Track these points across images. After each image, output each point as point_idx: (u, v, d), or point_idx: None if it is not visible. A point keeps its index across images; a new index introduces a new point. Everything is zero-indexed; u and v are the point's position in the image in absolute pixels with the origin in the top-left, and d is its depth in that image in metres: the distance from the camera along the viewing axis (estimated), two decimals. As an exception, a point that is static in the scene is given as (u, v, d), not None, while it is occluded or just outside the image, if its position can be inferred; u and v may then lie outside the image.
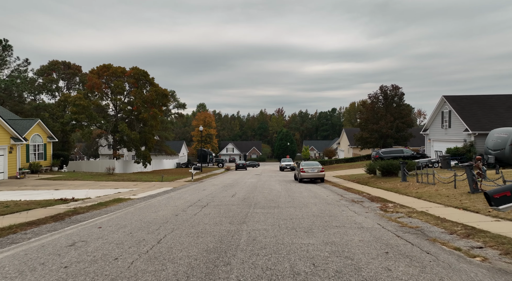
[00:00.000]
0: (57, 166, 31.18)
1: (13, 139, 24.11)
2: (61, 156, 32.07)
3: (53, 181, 23.33)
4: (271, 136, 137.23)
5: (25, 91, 38.07)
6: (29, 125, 28.49)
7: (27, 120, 29.60)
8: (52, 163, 30.98)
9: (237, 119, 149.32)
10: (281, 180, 26.45)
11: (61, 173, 29.81)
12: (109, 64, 39.34)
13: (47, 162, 30.82)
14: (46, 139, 30.91)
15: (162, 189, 18.60)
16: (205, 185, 21.25)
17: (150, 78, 41.76)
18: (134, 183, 22.56)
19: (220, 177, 31.42)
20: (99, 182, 23.31)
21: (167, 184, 22.36)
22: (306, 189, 17.91)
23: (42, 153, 30.37)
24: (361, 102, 57.31)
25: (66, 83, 45.77)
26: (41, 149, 30.31)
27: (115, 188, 19.09)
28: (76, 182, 22.60)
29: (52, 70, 42.61)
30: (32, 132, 28.80)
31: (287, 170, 45.71)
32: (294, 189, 18.24)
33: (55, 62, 43.28)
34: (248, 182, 24.22)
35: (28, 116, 41.04)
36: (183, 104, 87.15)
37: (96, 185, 21.22)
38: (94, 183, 22.19)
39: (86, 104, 35.72)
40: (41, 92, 40.98)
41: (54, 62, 43.36)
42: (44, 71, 42.35)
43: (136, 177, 28.16)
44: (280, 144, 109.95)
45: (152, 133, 42.62)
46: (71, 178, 25.47)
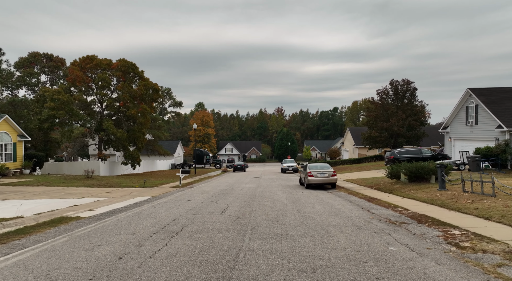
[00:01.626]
0: (29, 168, 27.44)
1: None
2: (34, 157, 28.33)
3: (13, 186, 19.61)
4: (271, 136, 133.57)
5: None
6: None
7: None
8: (23, 165, 27.26)
9: (236, 119, 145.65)
10: (284, 185, 22.74)
11: (32, 176, 26.08)
12: (93, 56, 35.61)
13: (17, 164, 27.10)
14: (16, 138, 27.18)
15: (137, 198, 14.86)
16: (193, 193, 17.52)
17: (139, 71, 38.03)
18: (109, 190, 18.84)
19: (215, 181, 27.70)
20: (68, 188, 19.60)
21: (148, 190, 18.62)
22: (318, 199, 14.19)
23: (10, 153, 26.64)
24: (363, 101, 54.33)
25: (49, 77, 42.05)
26: (10, 148, 26.58)
27: (79, 197, 15.37)
28: (39, 189, 18.88)
29: (32, 63, 38.87)
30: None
31: (289, 172, 42.00)
32: (302, 198, 14.52)
33: (35, 54, 39.55)
34: (246, 187, 20.49)
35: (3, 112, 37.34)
36: (179, 102, 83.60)
37: (62, 192, 17.50)
38: (60, 190, 18.47)
39: (66, 99, 31.96)
40: (20, 87, 37.24)
41: (35, 53, 39.63)
42: (23, 63, 38.61)
43: (117, 181, 24.43)
44: (280, 144, 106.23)
45: (142, 132, 38.87)
46: (38, 183, 21.75)
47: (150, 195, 16.43)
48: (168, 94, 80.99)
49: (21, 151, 27.69)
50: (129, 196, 15.80)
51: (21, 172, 26.93)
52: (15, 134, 27.05)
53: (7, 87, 36.76)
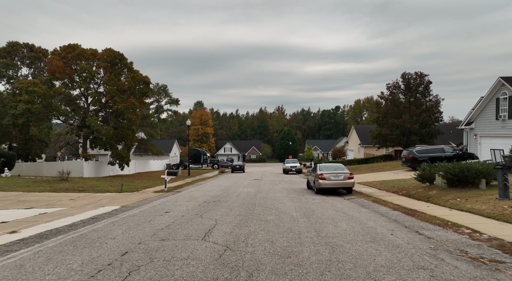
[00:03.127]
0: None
1: None
2: (3, 156, 24.87)
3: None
4: (272, 136, 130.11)
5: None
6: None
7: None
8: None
9: (236, 118, 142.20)
10: (289, 188, 19.28)
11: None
12: (75, 44, 32.15)
13: (-18, 164, 23.66)
14: (-18, 135, 23.72)
15: (101, 209, 11.41)
16: (177, 200, 14.07)
17: (128, 62, 34.59)
18: (76, 196, 15.40)
19: (209, 184, 24.25)
20: (27, 193, 16.18)
21: (123, 197, 15.16)
22: (337, 210, 10.74)
23: (-26, 152, 23.20)
24: (366, 100, 50.83)
25: (30, 70, 38.57)
26: (-27, 146, 23.12)
27: (27, 207, 11.95)
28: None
29: (10, 53, 35.42)
30: (-44, 124, 21.60)
31: (292, 173, 38.55)
32: (316, 209, 11.07)
33: (14, 44, 36.09)
34: (244, 192, 17.03)
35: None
36: (176, 100, 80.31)
37: (14, 199, 14.09)
38: (15, 196, 15.04)
39: (43, 92, 28.51)
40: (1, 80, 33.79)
41: (14, 43, 36.16)
42: (2, 54, 35.15)
43: (94, 184, 20.98)
44: (281, 144, 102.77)
45: (132, 129, 35.42)
46: (2, 186, 18.34)
47: (122, 203, 12.97)
48: (164, 92, 77.61)
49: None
50: (93, 205, 12.35)
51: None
52: (-20, 130, 23.61)
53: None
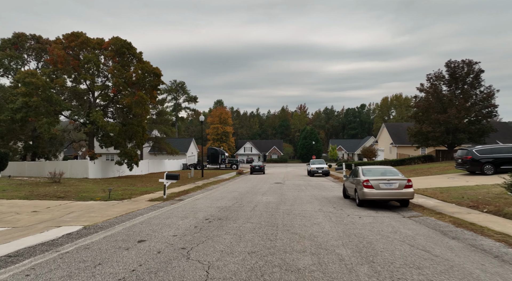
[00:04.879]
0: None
1: None
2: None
3: None
4: (293, 135, 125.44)
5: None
6: None
7: None
8: (-23, 165, 21.18)
9: (257, 117, 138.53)
10: (320, 197, 15.15)
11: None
12: (79, 32, 29.37)
13: (-31, 163, 21.04)
14: (-31, 130, 21.11)
15: (45, 234, 7.80)
16: (168, 217, 10.32)
17: (137, 52, 31.50)
18: (47, 205, 12.03)
19: (221, 188, 20.49)
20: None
21: (103, 209, 11.61)
22: (412, 246, 6.56)
23: (-41, 149, 20.59)
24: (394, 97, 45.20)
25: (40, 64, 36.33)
26: (-41, 143, 20.52)
27: (-41, 224, 8.53)
28: None
29: (15, 45, 33.25)
30: None
31: (318, 175, 34.23)
32: (376, 241, 6.93)
33: (20, 35, 33.91)
34: (262, 203, 13.08)
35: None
36: (194, 97, 77.55)
37: (-35, 209, 10.81)
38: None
39: (42, 84, 25.80)
40: (5, 73, 31.56)
41: (20, 34, 33.97)
42: (5, 46, 33.09)
43: (85, 188, 17.72)
44: (303, 143, 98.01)
45: (142, 126, 32.32)
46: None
47: (93, 219, 9.37)
48: (182, 89, 74.99)
49: (-24, 146, 21.66)
50: (49, 223, 8.81)
51: (-28, 174, 20.86)
52: (-34, 125, 21.00)
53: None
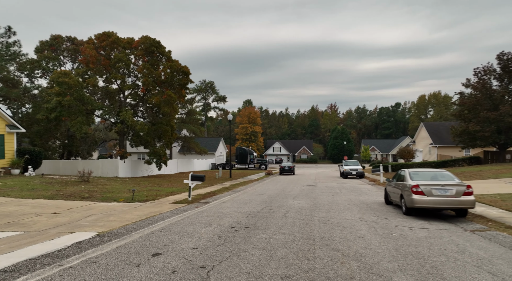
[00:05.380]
0: (19, 167, 21.76)
1: None
2: (27, 153, 22.65)
3: None
4: (323, 135, 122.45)
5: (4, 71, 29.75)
6: (-32, 106, 19.22)
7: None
8: (12, 163, 21.62)
9: (286, 117, 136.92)
10: (358, 202, 13.64)
11: (18, 177, 20.26)
12: (110, 32, 29.61)
13: (5, 161, 21.55)
14: (5, 129, 21.62)
15: (54, 243, 7.07)
16: (191, 223, 9.38)
17: (166, 51, 31.28)
18: (69, 206, 11.58)
19: (249, 190, 19.46)
20: (18, 200, 12.82)
21: (124, 212, 10.93)
22: (494, 276, 5.10)
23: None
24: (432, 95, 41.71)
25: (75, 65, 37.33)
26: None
27: (-27, 227, 8.09)
28: (-27, 200, 12.31)
29: (52, 47, 34.29)
30: (-26, 117, 19.54)
31: (352, 176, 32.31)
32: (443, 266, 5.48)
33: (56, 37, 34.95)
34: (294, 209, 11.85)
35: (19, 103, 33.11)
36: (223, 97, 77.45)
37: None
38: (6, 202, 11.65)
39: (74, 83, 26.14)
40: (33, 71, 32.66)
41: (56, 36, 35.03)
42: (43, 48, 34.24)
43: (111, 188, 17.39)
44: (334, 143, 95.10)
45: (171, 125, 32.10)
46: (5, 188, 15.44)
47: (111, 224, 8.63)
48: (211, 88, 75.12)
49: (11, 145, 22.17)
50: (64, 228, 8.16)
51: (7, 172, 21.31)
52: (2, 124, 21.53)
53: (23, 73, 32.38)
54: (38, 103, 31.83)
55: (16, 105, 34.50)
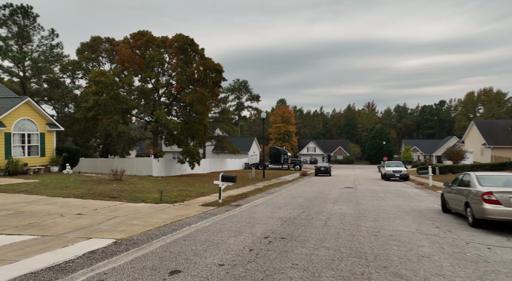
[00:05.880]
0: (57, 165, 22.22)
1: None
2: (65, 151, 23.11)
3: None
4: (360, 135, 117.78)
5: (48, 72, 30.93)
6: (10, 105, 19.82)
7: (10, 98, 21.18)
8: (52, 160, 22.12)
9: (321, 116, 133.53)
10: (409, 208, 11.89)
11: (56, 175, 20.62)
12: (145, 31, 29.74)
13: (44, 159, 22.10)
14: (45, 127, 22.17)
15: (66, 251, 6.32)
16: (220, 230, 8.34)
17: (199, 49, 30.91)
18: (95, 206, 11.09)
19: (284, 192, 18.20)
20: (49, 198, 12.60)
21: (150, 214, 10.18)
22: None
23: (36, 146, 21.69)
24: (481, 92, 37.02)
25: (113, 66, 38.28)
26: (35, 140, 21.62)
27: None
28: (10, 198, 12.26)
29: (91, 48, 35.32)
30: (16, 116, 20.13)
31: (395, 178, 29.90)
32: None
33: (96, 38, 35.97)
34: (335, 216, 10.44)
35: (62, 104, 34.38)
36: (257, 96, 76.66)
37: (14, 210, 10.34)
38: (27, 203, 11.46)
39: (110, 82, 26.46)
40: (74, 72, 33.76)
41: (96, 37, 36.06)
42: (84, 49, 35.36)
43: (142, 187, 16.98)
44: (372, 143, 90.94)
45: (204, 124, 31.70)
46: (38, 186, 15.54)
47: (133, 230, 7.84)
48: (244, 87, 74.65)
49: (51, 143, 22.71)
50: (84, 232, 7.47)
51: (47, 169, 21.82)
52: (43, 122, 22.08)
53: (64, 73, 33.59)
54: (79, 103, 32.87)
55: (59, 106, 35.96)
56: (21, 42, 30.23)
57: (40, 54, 30.18)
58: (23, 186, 15.19)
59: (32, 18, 29.74)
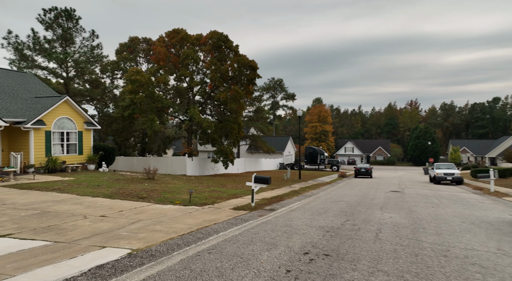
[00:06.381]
0: (94, 163, 22.45)
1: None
2: (102, 149, 23.32)
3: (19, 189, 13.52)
4: (402, 135, 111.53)
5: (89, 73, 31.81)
6: (50, 104, 20.22)
7: (50, 97, 21.65)
8: (88, 158, 22.38)
9: (359, 115, 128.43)
10: (477, 220, 9.97)
11: (92, 173, 20.77)
12: (179, 29, 29.52)
13: (82, 157, 22.41)
14: (83, 126, 22.49)
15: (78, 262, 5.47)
16: (251, 240, 7.19)
17: (233, 46, 30.17)
18: (121, 207, 10.48)
19: (322, 195, 16.70)
20: (79, 197, 12.26)
21: (175, 218, 9.30)
22: None
23: (75, 144, 22.04)
24: None
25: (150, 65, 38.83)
26: (74, 138, 21.97)
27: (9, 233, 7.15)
28: (38, 196, 12.11)
29: (129, 48, 35.97)
30: (56, 114, 20.51)
31: (446, 182, 27.03)
32: None
33: (134, 38, 36.61)
34: (387, 227, 8.87)
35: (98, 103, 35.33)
36: (292, 94, 74.92)
37: (40, 209, 10.00)
38: (56, 202, 11.17)
39: (145, 81, 26.47)
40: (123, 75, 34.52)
41: (134, 38, 36.71)
42: (122, 49, 36.13)
43: (174, 187, 16.37)
44: (416, 143, 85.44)
45: (238, 122, 30.93)
46: (71, 184, 15.48)
47: (149, 239, 6.94)
48: (280, 86, 73.25)
49: (89, 141, 23.02)
50: (101, 239, 6.70)
51: (84, 167, 22.10)
52: (81, 121, 22.42)
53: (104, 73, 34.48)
54: (117, 103, 33.58)
55: (100, 105, 37.07)
56: (64, 44, 31.38)
57: (81, 54, 31.09)
58: (58, 184, 15.17)
59: (75, 21, 30.71)
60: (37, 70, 31.07)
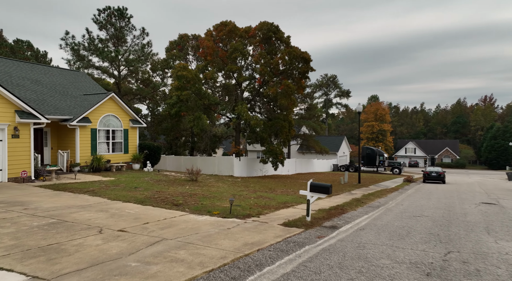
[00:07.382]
0: (139, 162, 21.65)
1: (19, 114, 14.76)
2: (147, 148, 22.47)
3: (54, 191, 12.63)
4: (474, 134, 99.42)
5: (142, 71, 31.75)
6: (95, 101, 19.71)
7: (97, 95, 21.21)
8: (134, 157, 21.64)
9: (421, 113, 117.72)
10: None
11: (136, 172, 19.90)
12: (227, 21, 27.90)
13: (127, 156, 21.75)
14: (128, 124, 21.82)
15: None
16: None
17: (285, 37, 27.79)
18: (147, 218, 8.72)
19: (392, 206, 13.51)
20: (109, 202, 10.89)
21: (208, 237, 7.19)
22: None
23: (120, 142, 21.42)
24: None
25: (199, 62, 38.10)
26: (119, 136, 21.36)
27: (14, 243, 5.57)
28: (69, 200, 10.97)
29: (178, 46, 35.46)
30: (101, 111, 19.98)
31: (549, 193, 21.61)
32: None
33: (183, 35, 36.06)
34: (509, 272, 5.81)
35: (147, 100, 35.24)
36: (347, 91, 70.25)
37: (59, 216, 8.62)
38: (81, 208, 9.86)
39: (192, 77, 25.25)
40: (163, 70, 34.23)
41: (183, 35, 36.17)
42: (172, 47, 35.79)
43: (216, 191, 14.50)
44: (492, 144, 75.14)
45: (289, 120, 28.50)
46: (109, 185, 14.43)
47: (166, 276, 4.84)
48: (333, 83, 69.06)
49: (134, 140, 22.32)
50: (91, 273, 4.77)
51: (129, 167, 21.39)
52: (126, 118, 21.77)
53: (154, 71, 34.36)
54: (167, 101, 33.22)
55: (152, 104, 37.20)
56: (117, 43, 31.72)
57: (132, 52, 31.11)
58: (95, 185, 14.15)
59: (126, 19, 30.80)
60: (92, 70, 31.82)
